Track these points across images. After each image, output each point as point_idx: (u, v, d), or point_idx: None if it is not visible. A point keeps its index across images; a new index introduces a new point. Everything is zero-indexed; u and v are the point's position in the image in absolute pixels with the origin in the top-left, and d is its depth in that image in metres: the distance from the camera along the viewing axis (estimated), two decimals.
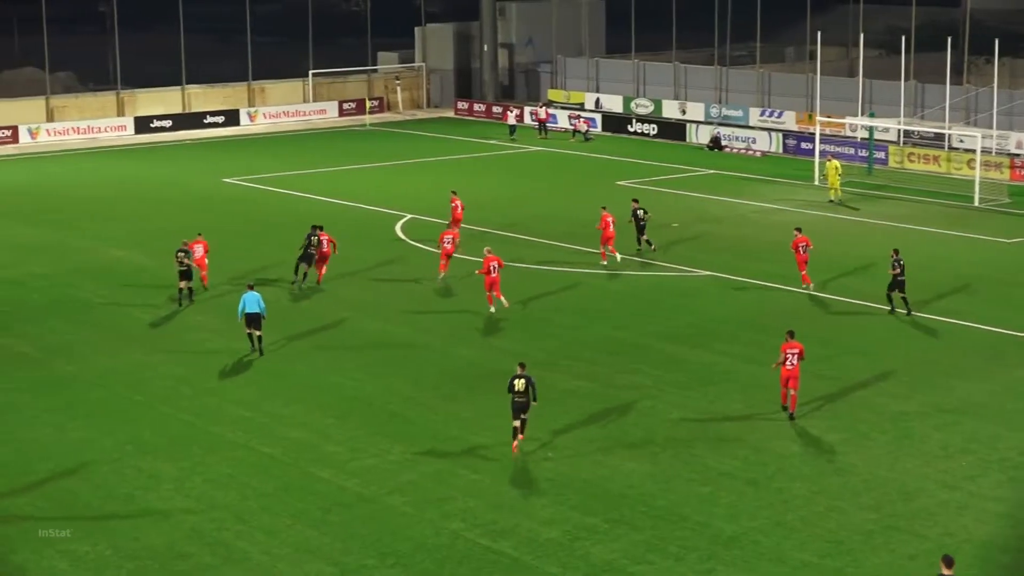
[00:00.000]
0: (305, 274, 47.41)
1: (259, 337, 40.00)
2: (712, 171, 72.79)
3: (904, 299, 43.55)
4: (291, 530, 28.16)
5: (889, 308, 43.85)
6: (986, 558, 26.79)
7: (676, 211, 60.95)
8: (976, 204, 62.39)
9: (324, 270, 47.93)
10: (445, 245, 47.47)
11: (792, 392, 34.40)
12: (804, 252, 46.22)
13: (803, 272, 46.34)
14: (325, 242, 47.76)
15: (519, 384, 32.22)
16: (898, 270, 43.05)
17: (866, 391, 36.57)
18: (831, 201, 62.68)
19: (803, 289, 46.36)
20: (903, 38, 70.41)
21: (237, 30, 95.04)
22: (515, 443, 32.21)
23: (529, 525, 28.28)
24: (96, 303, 46.06)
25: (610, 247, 50.18)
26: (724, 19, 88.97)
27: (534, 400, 32.30)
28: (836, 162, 64.70)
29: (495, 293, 43.88)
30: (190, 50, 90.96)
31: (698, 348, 40.50)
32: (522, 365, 32.78)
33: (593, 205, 54.42)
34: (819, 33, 71.83)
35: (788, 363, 34.18)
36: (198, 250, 47.06)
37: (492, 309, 44.03)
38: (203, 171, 72.50)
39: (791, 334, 34.72)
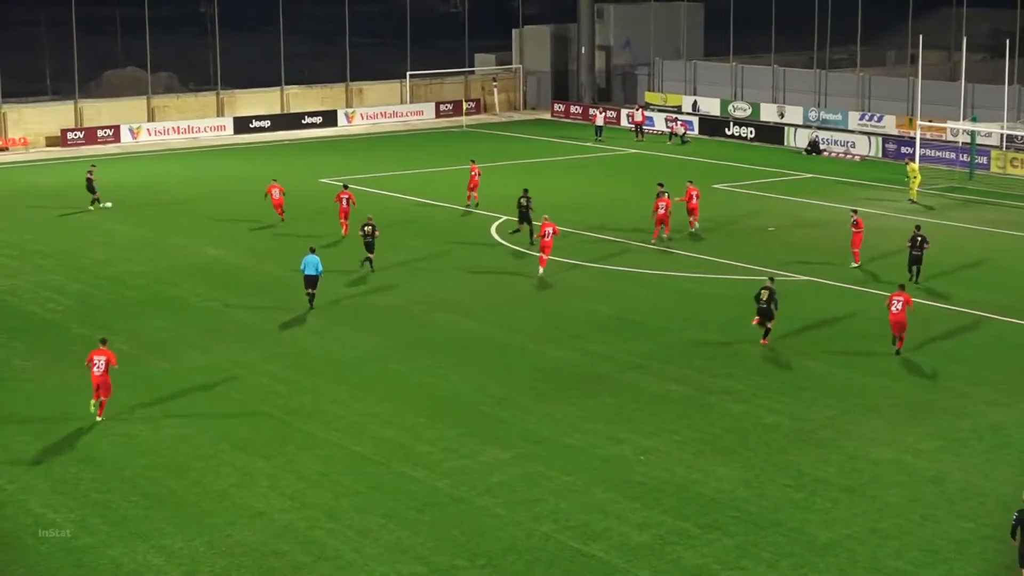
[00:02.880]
0: (528, 232, 53.84)
1: (312, 295, 44.66)
2: (810, 175, 72.21)
3: (917, 270, 47.47)
4: (383, 529, 28.24)
5: (909, 278, 47.10)
6: None
7: (773, 215, 60.52)
8: None
9: (347, 226, 55.01)
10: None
11: (898, 334, 39.40)
12: (860, 232, 50.44)
13: (855, 251, 50.53)
14: (346, 200, 55.03)
15: (764, 294, 39.95)
16: (911, 245, 47.32)
17: (964, 398, 36.07)
18: (924, 204, 62.01)
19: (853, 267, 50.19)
20: (1007, 41, 69.43)
21: (336, 31, 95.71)
22: (764, 340, 40.48)
23: (620, 529, 28.16)
24: (192, 301, 46.48)
25: (694, 218, 55.89)
26: (824, 22, 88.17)
27: (776, 308, 39.93)
28: (914, 164, 64.35)
29: (544, 255, 48.78)
30: (289, 51, 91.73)
31: (793, 353, 40.13)
32: (771, 279, 41.09)
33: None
34: (921, 36, 70.95)
35: (894, 307, 39.06)
36: (275, 193, 58.08)
37: (541, 271, 48.69)
38: (301, 171, 72.98)
39: (902, 287, 40.26)
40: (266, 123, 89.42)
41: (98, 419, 34.40)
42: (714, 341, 41.27)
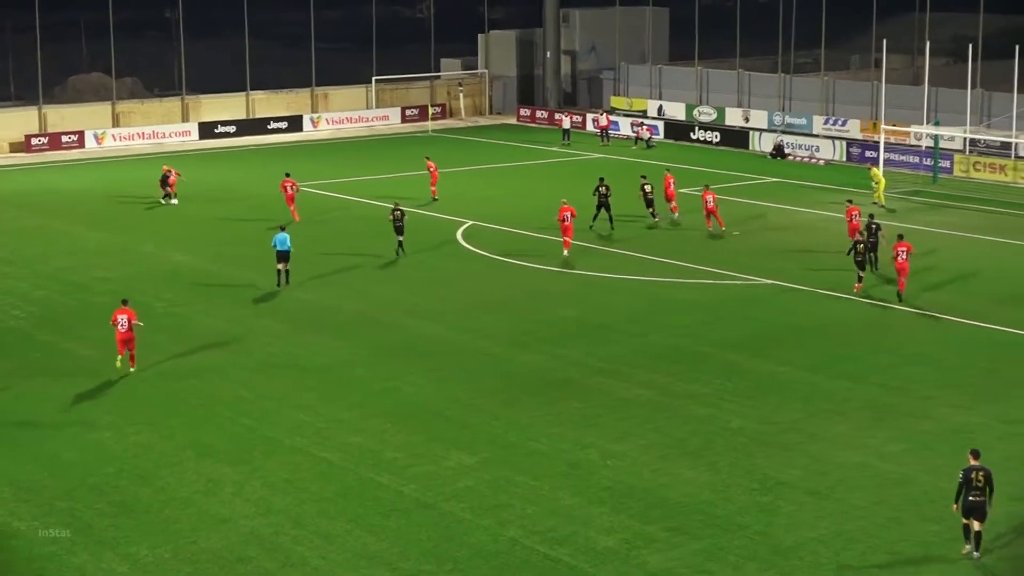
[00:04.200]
0: (609, 219, 57.07)
1: (287, 272, 47.69)
2: (775, 179, 72.43)
3: (874, 257, 49.01)
4: (349, 535, 28.20)
5: (871, 269, 49.00)
6: None
7: (738, 219, 60.63)
8: None
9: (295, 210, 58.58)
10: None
11: (902, 279, 44.94)
12: (856, 221, 51.89)
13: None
14: (289, 186, 58.52)
15: (859, 248, 46.09)
16: (867, 233, 48.71)
17: (929, 401, 36.23)
18: (888, 208, 62.23)
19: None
20: (970, 46, 69.79)
21: (302, 36, 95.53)
22: (857, 286, 46.23)
23: (587, 533, 28.19)
24: (158, 307, 46.29)
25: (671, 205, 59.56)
26: (788, 26, 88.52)
27: (876, 269, 47.87)
28: (876, 169, 64.70)
29: (567, 238, 51.81)
30: (254, 56, 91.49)
31: (759, 357, 40.24)
32: (862, 234, 47.45)
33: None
34: (884, 41, 71.20)
35: (899, 258, 44.68)
36: (171, 175, 64.31)
37: (565, 253, 51.71)
38: (266, 176, 72.77)
39: (900, 236, 45.90)
40: (231, 128, 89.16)
41: (131, 370, 38.37)
42: (680, 345, 41.35)
